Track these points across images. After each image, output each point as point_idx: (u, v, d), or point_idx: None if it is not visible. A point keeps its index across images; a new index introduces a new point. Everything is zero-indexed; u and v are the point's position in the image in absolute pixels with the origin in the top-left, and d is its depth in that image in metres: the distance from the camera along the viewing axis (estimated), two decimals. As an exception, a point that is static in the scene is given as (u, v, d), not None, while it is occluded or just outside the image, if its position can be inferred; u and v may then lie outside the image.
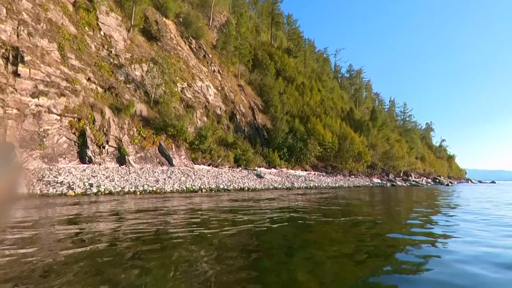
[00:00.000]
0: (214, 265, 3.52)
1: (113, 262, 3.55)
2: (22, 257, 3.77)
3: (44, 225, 6.24)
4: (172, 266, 3.44)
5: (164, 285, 2.93)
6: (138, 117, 23.12)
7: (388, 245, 4.93)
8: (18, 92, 17.74)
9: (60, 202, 10.92)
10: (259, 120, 37.50)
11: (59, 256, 3.81)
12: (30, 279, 2.99)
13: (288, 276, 3.23)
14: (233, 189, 20.44)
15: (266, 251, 4.39)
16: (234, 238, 5.16)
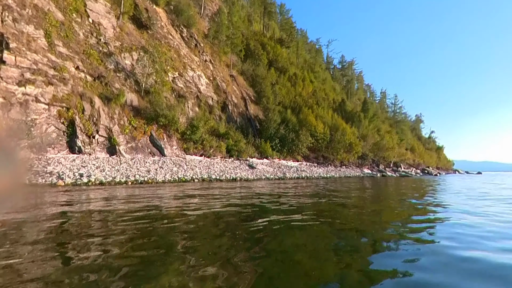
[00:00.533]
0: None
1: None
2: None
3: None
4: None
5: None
6: (128, 106, 22.79)
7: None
8: (4, 80, 17.25)
9: (53, 191, 10.77)
10: (251, 111, 37.39)
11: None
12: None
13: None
14: (225, 179, 20.46)
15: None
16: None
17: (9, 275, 2.66)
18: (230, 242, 3.98)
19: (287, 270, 2.97)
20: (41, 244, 3.67)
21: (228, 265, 3.02)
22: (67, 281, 2.57)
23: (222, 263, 3.08)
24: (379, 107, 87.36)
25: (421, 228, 5.29)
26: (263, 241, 4.10)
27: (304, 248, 3.84)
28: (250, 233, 4.50)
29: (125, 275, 2.68)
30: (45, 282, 2.54)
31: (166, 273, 2.75)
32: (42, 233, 4.32)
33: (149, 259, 3.18)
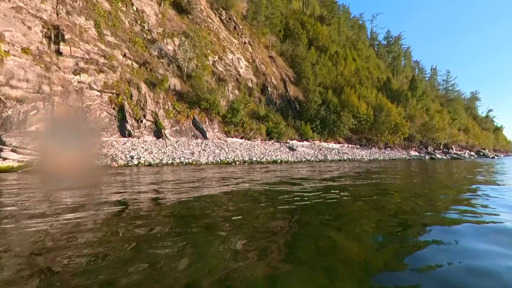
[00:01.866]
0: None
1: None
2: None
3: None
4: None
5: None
6: (172, 91, 23.62)
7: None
8: (62, 70, 18.69)
9: (111, 172, 11.69)
10: (291, 92, 36.87)
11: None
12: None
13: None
14: (266, 161, 20.65)
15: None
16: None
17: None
18: (271, 217, 4.05)
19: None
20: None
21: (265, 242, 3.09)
22: (121, 232, 2.81)
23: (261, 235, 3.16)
24: (429, 85, 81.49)
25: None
26: (308, 223, 4.11)
27: (350, 233, 3.80)
28: (290, 211, 4.54)
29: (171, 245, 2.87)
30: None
31: (212, 246, 2.89)
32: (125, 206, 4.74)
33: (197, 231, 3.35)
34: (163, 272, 2.35)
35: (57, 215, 4.25)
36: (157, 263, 2.53)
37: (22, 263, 2.50)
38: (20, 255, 2.70)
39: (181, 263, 2.53)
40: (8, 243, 3.09)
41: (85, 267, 2.41)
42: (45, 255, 2.71)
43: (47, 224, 3.79)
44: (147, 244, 3.00)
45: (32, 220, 4.00)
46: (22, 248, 2.91)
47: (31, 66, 17.43)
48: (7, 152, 11.75)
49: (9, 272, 2.31)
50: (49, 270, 2.38)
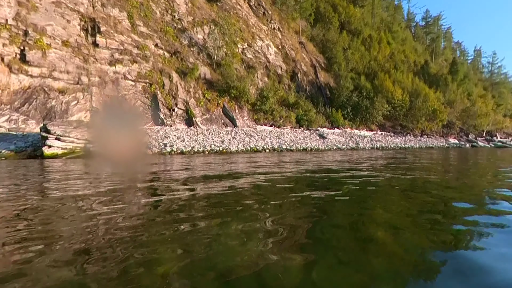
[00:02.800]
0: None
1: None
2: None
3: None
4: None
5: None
6: (202, 80, 23.90)
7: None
8: (98, 61, 19.48)
9: (149, 159, 12.17)
10: (322, 79, 35.98)
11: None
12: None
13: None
14: (296, 149, 20.49)
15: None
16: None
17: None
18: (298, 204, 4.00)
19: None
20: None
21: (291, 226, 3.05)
22: (159, 219, 2.90)
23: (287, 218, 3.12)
24: (471, 68, 76.06)
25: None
26: (342, 212, 4.02)
27: (383, 222, 3.67)
28: (322, 200, 4.46)
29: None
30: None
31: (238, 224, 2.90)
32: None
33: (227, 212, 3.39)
34: (198, 257, 2.40)
35: (102, 197, 4.48)
36: (194, 248, 2.58)
37: (66, 243, 2.65)
38: (65, 235, 2.87)
39: (214, 249, 2.57)
40: (57, 223, 3.29)
41: (122, 252, 2.50)
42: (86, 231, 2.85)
43: (97, 205, 4.00)
44: (184, 230, 3.07)
45: (79, 202, 4.25)
46: (68, 228, 3.08)
47: (71, 58, 18.32)
48: (52, 140, 12.55)
49: (57, 253, 2.45)
50: (85, 251, 2.50)
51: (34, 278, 2.06)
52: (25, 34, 16.90)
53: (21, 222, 3.47)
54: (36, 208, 4.25)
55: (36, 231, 3.10)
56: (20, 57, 16.84)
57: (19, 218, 3.61)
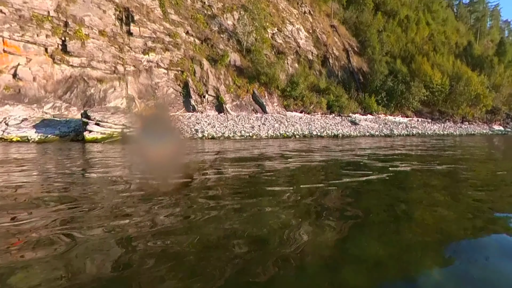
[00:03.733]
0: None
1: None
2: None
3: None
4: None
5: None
6: (232, 67, 23.96)
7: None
8: (133, 50, 20.12)
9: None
10: (354, 63, 34.72)
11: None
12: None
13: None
14: (326, 135, 20.13)
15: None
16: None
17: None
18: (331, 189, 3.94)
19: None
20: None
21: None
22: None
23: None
24: (522, 48, 69.59)
25: None
26: (378, 194, 3.91)
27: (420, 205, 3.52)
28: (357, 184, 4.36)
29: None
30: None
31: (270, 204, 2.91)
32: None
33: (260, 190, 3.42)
34: (237, 228, 2.44)
35: (136, 178, 4.69)
36: (226, 226, 2.63)
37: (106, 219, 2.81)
38: (102, 209, 3.04)
39: (248, 227, 2.60)
40: (96, 200, 3.50)
41: (159, 228, 2.61)
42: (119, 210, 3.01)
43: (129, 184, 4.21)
44: (217, 211, 3.13)
45: (118, 177, 4.48)
46: (107, 204, 3.27)
47: (107, 47, 19.06)
48: (92, 126, 13.27)
49: (96, 230, 2.61)
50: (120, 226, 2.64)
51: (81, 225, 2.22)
52: (66, 25, 17.77)
53: (67, 193, 3.72)
54: (80, 183, 4.54)
55: (79, 197, 3.31)
56: (62, 48, 17.78)
57: (67, 190, 3.88)
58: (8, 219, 2.62)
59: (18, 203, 3.18)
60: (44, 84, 17.32)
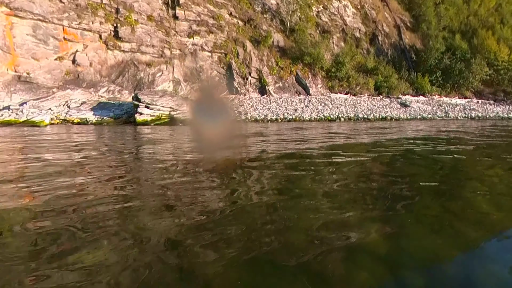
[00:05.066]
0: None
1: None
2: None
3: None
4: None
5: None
6: (275, 48, 23.54)
7: None
8: (178, 34, 20.56)
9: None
10: (406, 40, 32.25)
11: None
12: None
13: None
14: (373, 118, 19.20)
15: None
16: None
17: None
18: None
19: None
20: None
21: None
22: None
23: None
24: None
25: None
26: (432, 183, 3.65)
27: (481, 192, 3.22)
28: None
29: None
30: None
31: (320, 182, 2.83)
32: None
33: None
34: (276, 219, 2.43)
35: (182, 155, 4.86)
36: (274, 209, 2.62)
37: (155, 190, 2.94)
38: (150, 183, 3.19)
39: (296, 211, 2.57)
40: (142, 176, 3.68)
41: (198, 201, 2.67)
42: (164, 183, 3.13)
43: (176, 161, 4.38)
44: (262, 191, 3.14)
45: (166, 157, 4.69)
46: (153, 178, 3.42)
47: (155, 32, 19.69)
48: (142, 108, 13.99)
49: (143, 200, 2.74)
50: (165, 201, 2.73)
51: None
52: (117, 12, 18.60)
53: (121, 170, 3.97)
54: (133, 160, 4.81)
55: (132, 177, 3.51)
56: (114, 34, 18.72)
57: (122, 165, 4.14)
58: (65, 191, 2.87)
59: (79, 176, 3.46)
60: (99, 69, 18.49)
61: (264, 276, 1.54)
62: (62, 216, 2.27)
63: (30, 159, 5.02)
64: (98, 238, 1.92)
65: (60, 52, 17.69)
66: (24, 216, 2.28)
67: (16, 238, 1.94)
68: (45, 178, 3.42)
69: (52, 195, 2.76)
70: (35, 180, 3.35)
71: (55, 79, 17.36)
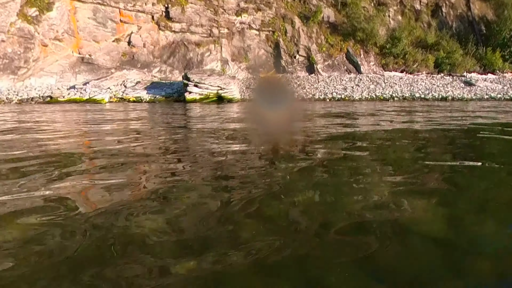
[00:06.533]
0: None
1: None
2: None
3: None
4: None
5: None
6: (325, 24, 22.47)
7: None
8: (226, 12, 20.51)
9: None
10: (476, 11, 28.71)
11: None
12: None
13: None
14: (432, 98, 17.69)
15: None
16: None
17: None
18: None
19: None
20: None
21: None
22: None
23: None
24: None
25: None
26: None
27: None
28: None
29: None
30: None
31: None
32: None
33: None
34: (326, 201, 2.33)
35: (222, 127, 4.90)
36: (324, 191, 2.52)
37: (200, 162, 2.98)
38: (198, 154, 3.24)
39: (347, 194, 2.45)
40: (192, 149, 3.76)
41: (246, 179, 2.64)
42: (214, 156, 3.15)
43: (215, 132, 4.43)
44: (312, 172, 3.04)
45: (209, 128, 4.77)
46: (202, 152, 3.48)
47: (204, 11, 19.85)
48: (191, 87, 14.40)
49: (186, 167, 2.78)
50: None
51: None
52: (168, -8, 19.02)
53: (171, 144, 4.11)
54: (184, 135, 4.97)
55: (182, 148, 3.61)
56: (165, 15, 19.24)
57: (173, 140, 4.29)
58: (123, 158, 3.03)
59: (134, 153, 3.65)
60: (152, 50, 19.27)
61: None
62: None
63: (93, 124, 5.45)
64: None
65: (117, 34, 18.71)
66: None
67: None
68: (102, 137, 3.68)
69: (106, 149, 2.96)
70: (93, 136, 3.62)
71: (113, 60, 18.51)
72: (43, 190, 2.00)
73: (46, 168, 2.57)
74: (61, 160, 3.02)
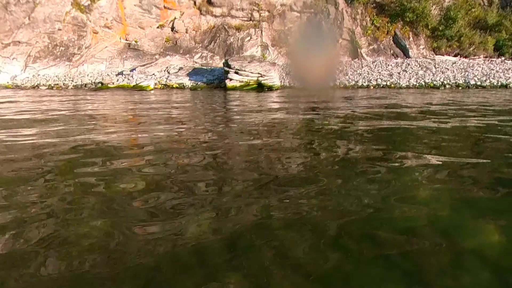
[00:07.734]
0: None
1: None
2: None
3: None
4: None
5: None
6: (371, 4, 21.18)
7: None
8: (267, -6, 20.06)
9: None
10: (548, -15, 25.35)
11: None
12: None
13: None
14: (489, 85, 16.18)
15: None
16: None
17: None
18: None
19: None
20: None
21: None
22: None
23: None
24: None
25: None
26: None
27: None
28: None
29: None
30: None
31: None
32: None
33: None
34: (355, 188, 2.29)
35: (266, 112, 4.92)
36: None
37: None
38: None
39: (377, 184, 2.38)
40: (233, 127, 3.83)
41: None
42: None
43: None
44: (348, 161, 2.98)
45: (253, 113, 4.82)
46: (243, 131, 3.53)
47: (245, -5, 19.58)
48: (232, 74, 14.47)
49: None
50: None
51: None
52: (210, -23, 18.94)
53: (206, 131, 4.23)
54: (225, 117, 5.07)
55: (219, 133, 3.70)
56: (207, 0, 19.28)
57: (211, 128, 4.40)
58: (166, 145, 3.18)
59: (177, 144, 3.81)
60: (194, 35, 19.54)
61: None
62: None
63: (141, 110, 5.76)
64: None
65: (161, 20, 19.17)
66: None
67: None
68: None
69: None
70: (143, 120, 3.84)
71: (157, 46, 19.07)
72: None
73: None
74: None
